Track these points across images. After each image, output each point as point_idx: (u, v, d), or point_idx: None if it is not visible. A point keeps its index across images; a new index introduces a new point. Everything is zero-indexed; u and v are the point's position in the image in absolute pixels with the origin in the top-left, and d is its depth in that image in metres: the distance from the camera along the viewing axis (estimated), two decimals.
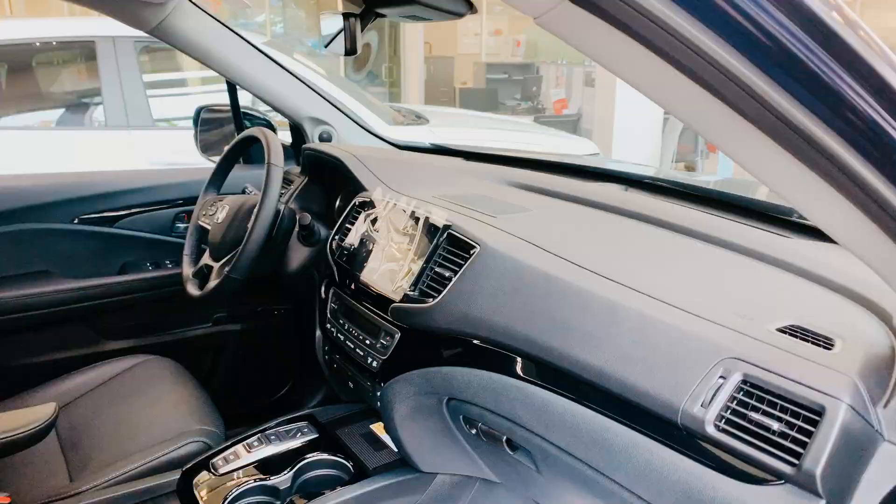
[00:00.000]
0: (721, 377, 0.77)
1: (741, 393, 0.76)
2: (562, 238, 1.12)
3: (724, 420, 0.76)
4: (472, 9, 1.06)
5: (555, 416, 0.95)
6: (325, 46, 1.36)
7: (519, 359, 1.01)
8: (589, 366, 0.88)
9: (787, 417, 0.72)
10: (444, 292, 1.10)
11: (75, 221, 1.88)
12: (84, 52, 3.71)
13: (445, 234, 1.17)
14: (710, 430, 0.76)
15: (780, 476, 0.71)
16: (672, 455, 0.80)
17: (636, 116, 6.37)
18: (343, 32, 1.18)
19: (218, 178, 1.74)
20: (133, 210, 1.96)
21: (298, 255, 1.57)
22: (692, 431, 0.78)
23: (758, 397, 0.75)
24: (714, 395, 0.77)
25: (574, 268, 0.99)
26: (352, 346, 1.33)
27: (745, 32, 0.45)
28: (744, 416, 0.75)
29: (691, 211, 1.29)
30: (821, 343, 0.79)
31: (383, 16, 1.21)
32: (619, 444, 0.86)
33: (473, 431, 1.18)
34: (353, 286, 1.35)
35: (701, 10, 0.44)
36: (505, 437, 1.11)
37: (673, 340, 0.82)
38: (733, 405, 0.76)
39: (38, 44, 3.72)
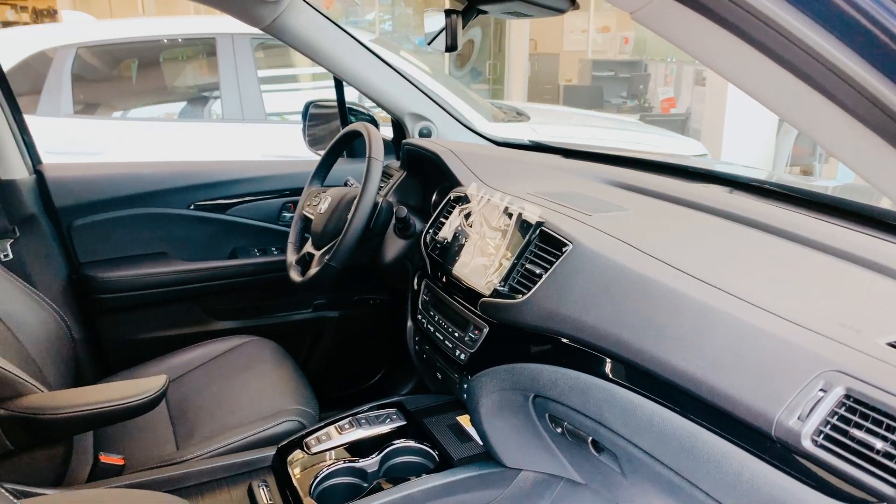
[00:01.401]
0: (821, 390, 0.73)
1: (843, 408, 0.72)
2: (658, 239, 1.09)
3: (822, 435, 0.72)
4: (573, 4, 1.06)
5: (642, 420, 0.93)
6: (428, 44, 1.38)
7: (607, 359, 1.00)
8: (679, 370, 0.86)
9: (894, 437, 0.68)
10: (533, 289, 1.10)
11: (191, 207, 2.01)
12: (205, 48, 3.94)
13: (538, 231, 1.17)
14: (807, 444, 0.72)
15: (881, 498, 0.67)
16: (764, 468, 0.77)
17: (749, 117, 6.07)
18: (445, 29, 1.20)
19: (322, 171, 1.81)
20: (244, 198, 2.07)
21: (394, 246, 1.61)
22: (787, 445, 0.74)
23: (861, 414, 0.71)
24: (812, 408, 0.73)
25: (668, 269, 0.96)
26: (441, 338, 1.35)
27: (853, 24, 0.43)
28: (844, 433, 0.71)
29: (801, 216, 1.22)
30: None
31: (485, 12, 1.22)
32: (708, 453, 0.83)
33: (559, 430, 1.17)
34: (444, 279, 1.37)
35: (804, 2, 0.42)
36: (590, 438, 1.10)
37: (770, 349, 0.79)
38: (833, 420, 0.72)
39: (165, 41, 3.98)
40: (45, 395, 1.27)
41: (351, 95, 2.10)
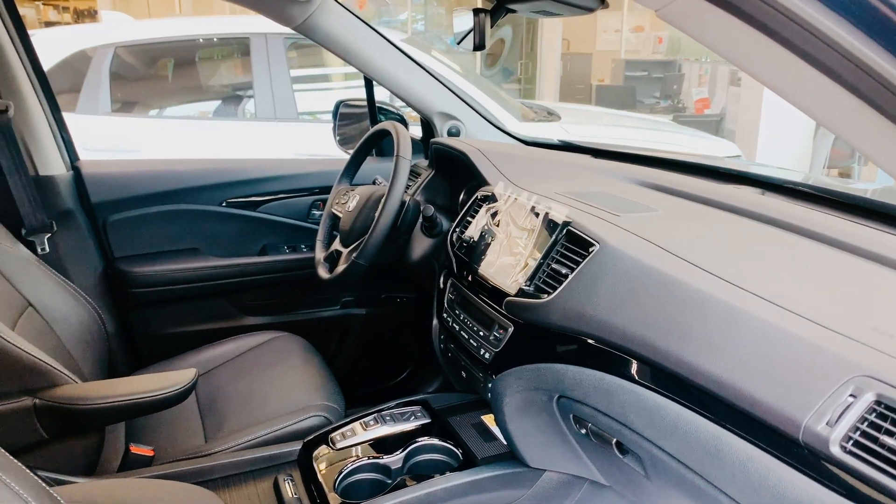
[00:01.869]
0: (851, 395, 0.72)
1: (873, 414, 0.70)
2: (686, 240, 1.08)
3: (851, 441, 0.70)
4: (603, 3, 1.05)
5: (667, 423, 0.92)
6: (458, 43, 1.39)
7: (633, 361, 0.99)
8: (705, 373, 0.85)
9: None
10: (559, 289, 1.10)
11: (223, 204, 2.04)
12: (239, 48, 4.00)
13: (565, 231, 1.16)
14: (835, 450, 0.71)
15: None
16: (790, 473, 0.76)
17: (785, 118, 5.96)
18: (473, 28, 1.20)
19: (351, 169, 1.82)
20: (274, 196, 2.10)
21: (421, 245, 1.62)
22: (815, 450, 0.73)
23: (892, 420, 0.69)
24: (842, 413, 0.72)
25: (696, 270, 0.95)
26: (466, 337, 1.35)
27: (885, 21, 0.42)
28: (874, 440, 0.69)
29: (834, 218, 1.20)
30: None
31: (514, 11, 1.22)
32: (734, 457, 0.82)
33: (583, 431, 1.17)
34: (470, 278, 1.37)
35: None
36: (615, 440, 1.09)
37: (798, 352, 0.77)
38: (863, 426, 0.70)
39: (200, 40, 4.04)
40: (79, 385, 1.30)
41: (382, 95, 2.11)
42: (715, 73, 8.01)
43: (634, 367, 0.99)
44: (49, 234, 1.79)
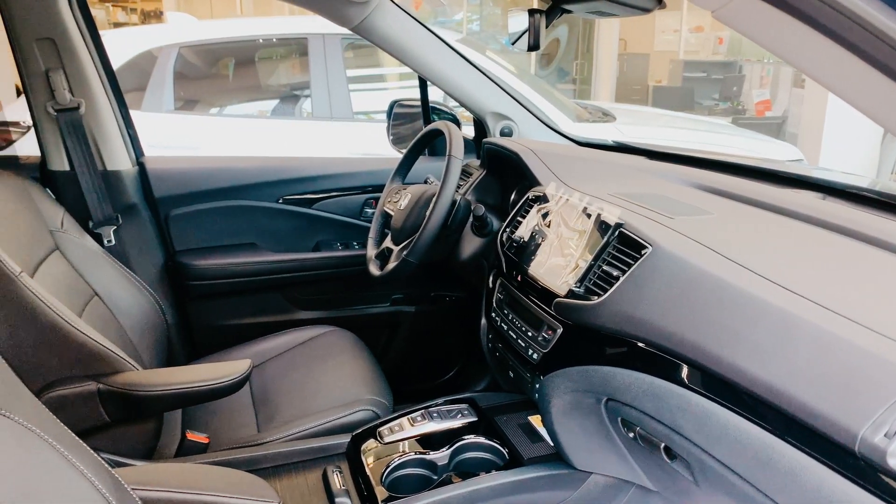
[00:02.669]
0: None
1: None
2: (741, 244, 1.06)
3: None
4: (660, 4, 1.04)
5: (716, 429, 0.91)
6: (512, 43, 1.39)
7: (683, 365, 0.98)
8: (758, 379, 0.84)
9: None
10: (610, 291, 1.09)
11: (279, 201, 2.09)
12: (297, 48, 4.08)
13: (617, 233, 1.16)
14: (893, 463, 0.69)
15: None
16: (844, 484, 0.74)
17: (851, 121, 5.74)
18: (528, 29, 1.21)
19: (404, 168, 1.84)
20: (329, 194, 2.14)
21: (471, 244, 1.63)
22: (871, 462, 0.71)
23: None
24: None
25: (750, 275, 0.93)
26: (514, 337, 1.35)
27: None
28: None
29: None
30: None
31: (570, 11, 1.22)
32: (786, 466, 0.81)
33: (631, 435, 1.16)
34: (519, 278, 1.37)
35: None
36: (663, 445, 1.08)
37: (856, 361, 0.75)
38: None
39: (260, 40, 4.14)
40: (139, 372, 1.36)
41: (436, 95, 2.13)
42: (777, 75, 7.79)
43: (685, 371, 0.97)
44: (115, 227, 1.86)
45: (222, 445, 1.48)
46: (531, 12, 1.19)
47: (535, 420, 1.48)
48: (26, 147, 2.98)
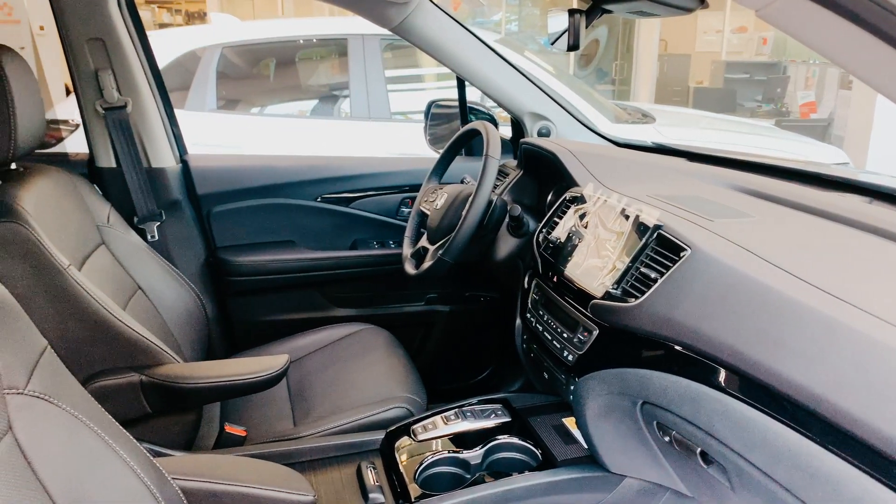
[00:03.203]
0: None
1: None
2: (783, 247, 1.04)
3: None
4: (702, 3, 1.03)
5: (755, 435, 0.89)
6: (552, 43, 1.39)
7: (721, 369, 0.96)
8: (799, 386, 0.82)
9: None
10: (647, 293, 1.08)
11: (318, 200, 2.12)
12: (337, 48, 4.12)
13: (655, 234, 1.14)
14: None
15: None
16: (889, 495, 0.72)
17: None
18: (567, 29, 1.20)
19: (440, 168, 1.85)
20: (366, 193, 2.16)
21: (506, 244, 1.63)
22: None
23: None
24: None
25: (792, 279, 0.92)
26: (549, 338, 1.35)
27: None
28: None
29: None
30: None
31: (610, 12, 1.21)
32: (826, 474, 0.79)
33: (667, 439, 1.14)
34: (555, 279, 1.37)
35: None
36: (699, 450, 1.06)
37: None
38: None
39: (300, 41, 4.20)
40: (180, 365, 1.39)
41: (473, 95, 2.14)
42: (824, 76, 7.60)
43: (723, 375, 0.96)
44: (158, 223, 1.91)
45: (259, 438, 1.51)
46: (571, 12, 1.18)
47: (570, 422, 1.47)
48: (75, 144, 3.08)
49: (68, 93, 3.68)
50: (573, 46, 1.21)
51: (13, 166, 1.43)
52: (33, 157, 1.44)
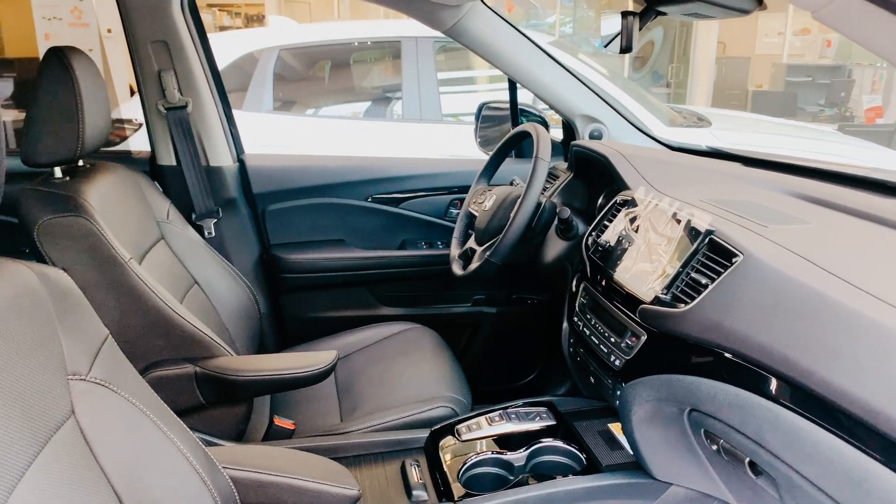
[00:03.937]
0: None
1: None
2: (839, 255, 1.01)
3: None
4: (760, 5, 1.01)
5: (806, 446, 0.87)
6: (605, 46, 1.38)
7: (773, 378, 0.94)
8: (854, 397, 0.80)
9: None
10: (698, 299, 1.07)
11: (368, 200, 2.15)
12: (391, 51, 4.17)
13: (707, 240, 1.13)
14: None
15: None
16: None
17: None
18: (621, 31, 1.19)
19: (490, 169, 1.85)
20: (415, 193, 2.18)
21: (554, 247, 1.62)
22: None
23: None
24: None
25: (848, 287, 0.89)
26: (596, 342, 1.34)
27: None
28: None
29: None
30: None
31: (664, 13, 1.20)
32: (881, 489, 0.77)
33: (714, 448, 1.12)
34: (604, 283, 1.35)
35: None
36: (748, 459, 1.04)
37: None
38: None
39: (355, 43, 4.26)
40: (233, 358, 1.43)
41: (525, 97, 2.13)
42: (891, 80, 7.32)
43: (774, 384, 0.94)
44: (215, 220, 1.96)
45: (307, 432, 1.54)
46: (624, 14, 1.17)
47: (615, 427, 1.46)
48: (138, 142, 3.19)
49: (132, 93, 3.81)
50: (626, 48, 1.20)
51: (80, 163, 1.49)
52: (99, 154, 1.50)
